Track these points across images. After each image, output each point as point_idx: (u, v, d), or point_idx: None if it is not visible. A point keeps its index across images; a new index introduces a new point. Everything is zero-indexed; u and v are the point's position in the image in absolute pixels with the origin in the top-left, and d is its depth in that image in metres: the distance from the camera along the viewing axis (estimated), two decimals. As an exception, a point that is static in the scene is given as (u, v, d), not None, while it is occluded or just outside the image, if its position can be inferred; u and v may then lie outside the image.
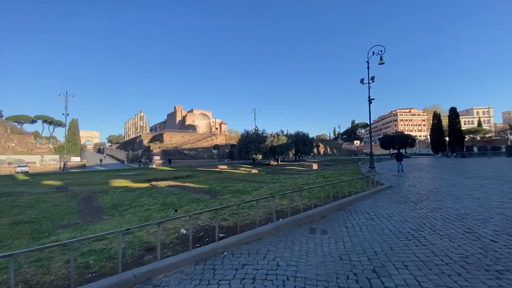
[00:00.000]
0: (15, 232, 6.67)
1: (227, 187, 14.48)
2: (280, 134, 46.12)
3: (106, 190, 15.56)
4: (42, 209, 10.07)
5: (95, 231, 6.03)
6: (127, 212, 9.02)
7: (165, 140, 67.70)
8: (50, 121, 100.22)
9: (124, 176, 26.08)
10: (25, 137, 67.92)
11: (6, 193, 15.17)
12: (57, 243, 2.81)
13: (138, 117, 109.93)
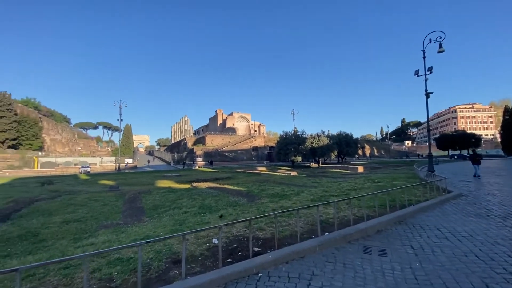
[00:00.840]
0: (62, 231, 6.95)
1: (265, 190, 13.85)
2: (321, 135, 44.04)
3: (150, 190, 16.20)
4: (92, 208, 10.67)
5: (130, 235, 5.90)
6: (165, 214, 8.97)
7: (207, 142, 70.26)
8: (109, 127, 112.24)
9: (169, 177, 27.31)
10: (89, 141, 77.03)
11: (68, 191, 16.80)
12: (68, 257, 2.48)
13: (183, 121, 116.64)
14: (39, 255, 4.59)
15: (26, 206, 11.24)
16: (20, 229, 7.23)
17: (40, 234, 6.67)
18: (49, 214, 9.57)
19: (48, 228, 7.39)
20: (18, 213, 9.81)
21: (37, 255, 4.61)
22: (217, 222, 6.73)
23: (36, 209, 10.70)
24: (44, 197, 13.86)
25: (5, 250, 5.20)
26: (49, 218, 8.79)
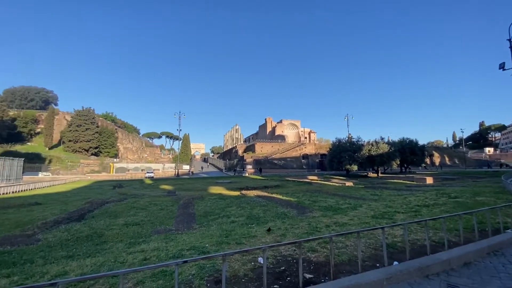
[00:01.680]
0: (121, 234, 7.43)
1: (317, 202, 12.91)
2: (380, 142, 40.20)
3: (203, 196, 16.77)
4: (150, 212, 11.40)
5: (178, 243, 5.89)
6: (214, 222, 8.94)
7: (257, 150, 71.20)
8: (170, 136, 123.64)
9: (221, 183, 28.19)
10: (154, 149, 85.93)
11: (133, 195, 18.58)
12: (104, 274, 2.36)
13: (234, 129, 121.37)
14: (96, 258, 4.84)
15: (98, 207, 12.66)
16: (89, 229, 8.01)
17: (103, 236, 7.24)
18: (115, 216, 10.52)
19: (111, 230, 8.01)
20: (91, 213, 11.05)
21: (94, 258, 4.87)
22: (264, 236, 6.30)
23: (106, 210, 11.94)
24: (113, 199, 15.52)
25: (71, 250, 5.71)
26: (114, 220, 9.62)
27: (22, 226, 8.53)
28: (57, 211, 11.55)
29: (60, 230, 7.98)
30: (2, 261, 4.93)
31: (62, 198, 17.08)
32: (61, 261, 4.80)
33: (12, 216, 10.48)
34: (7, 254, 5.54)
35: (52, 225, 8.62)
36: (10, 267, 4.54)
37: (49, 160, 52.35)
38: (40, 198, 16.78)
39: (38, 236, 7.19)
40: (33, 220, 9.47)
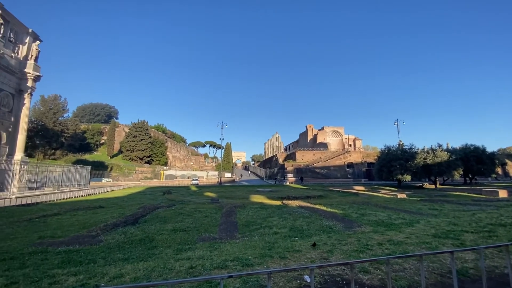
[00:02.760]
0: (170, 239, 7.82)
1: (365, 215, 11.97)
2: (438, 149, 36.11)
3: (244, 205, 16.92)
4: (195, 219, 11.85)
5: (221, 253, 5.94)
6: (256, 232, 8.87)
7: (298, 158, 69.95)
8: (214, 145, 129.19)
9: (261, 192, 28.22)
10: (199, 158, 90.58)
11: (180, 201, 19.65)
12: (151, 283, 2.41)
13: (274, 138, 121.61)
14: (147, 263, 5.13)
15: (150, 212, 13.64)
16: (142, 233, 8.62)
17: (154, 240, 7.70)
18: (164, 221, 11.18)
19: (161, 235, 8.50)
20: (144, 218, 11.94)
21: (146, 263, 5.17)
22: (309, 251, 5.99)
23: (157, 215, 12.79)
24: (163, 205, 16.61)
25: (127, 252, 6.18)
26: (163, 225, 10.21)
27: (88, 227, 9.58)
28: (116, 215, 12.76)
29: (118, 233, 8.74)
30: (72, 259, 5.55)
31: (120, 202, 18.89)
32: (118, 263, 5.20)
33: (81, 218, 11.89)
34: (76, 253, 6.23)
35: (111, 227, 9.51)
36: (77, 265, 5.07)
37: (111, 168, 58.91)
38: (102, 202, 18.81)
39: (100, 238, 7.97)
40: (97, 222, 10.59)
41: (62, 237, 8.01)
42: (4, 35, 23.65)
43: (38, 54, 28.28)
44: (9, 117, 25.50)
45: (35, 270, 4.72)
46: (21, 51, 26.80)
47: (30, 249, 6.59)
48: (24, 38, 27.09)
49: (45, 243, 7.26)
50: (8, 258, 5.71)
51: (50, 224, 10.49)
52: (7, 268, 4.90)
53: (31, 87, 27.51)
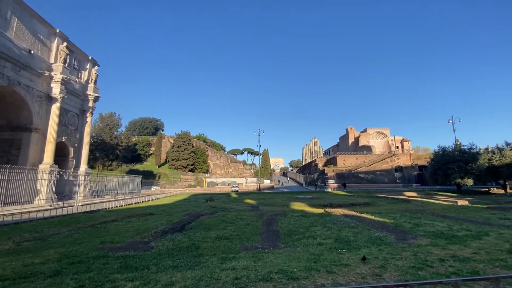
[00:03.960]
0: (214, 247, 8.00)
1: (420, 225, 10.85)
2: (506, 149, 31.36)
3: (285, 212, 16.66)
4: (237, 227, 12.01)
5: (265, 264, 5.87)
6: (299, 242, 8.61)
7: (339, 163, 67.02)
8: (251, 152, 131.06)
9: (302, 199, 27.55)
10: (237, 165, 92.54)
11: (222, 208, 20.18)
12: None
13: (312, 142, 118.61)
14: (195, 272, 5.30)
15: (195, 219, 14.22)
16: (188, 241, 9.00)
17: (200, 248, 7.97)
18: (208, 228, 11.54)
19: (206, 243, 8.76)
20: (190, 225, 12.49)
21: (194, 271, 5.35)
22: (358, 265, 5.60)
23: (201, 222, 13.28)
24: (206, 212, 17.21)
25: (176, 260, 6.48)
26: (208, 233, 10.54)
27: (141, 234, 10.35)
28: (165, 222, 13.58)
29: (167, 240, 9.26)
30: (129, 264, 6.01)
31: (168, 209, 20.11)
32: (168, 270, 5.47)
33: (135, 224, 12.92)
34: (131, 258, 6.74)
35: (161, 234, 10.12)
36: (134, 271, 5.47)
37: (158, 176, 63.44)
38: (152, 209, 20.24)
39: (152, 244, 8.52)
40: (148, 229, 11.39)
41: (120, 243, 8.76)
42: (70, 64, 27.43)
43: (97, 78, 32.17)
44: (75, 134, 29.27)
45: (98, 274, 5.21)
46: (83, 76, 30.74)
47: (94, 253, 7.33)
48: (85, 65, 31.08)
49: (106, 248, 8.00)
50: (77, 261, 6.42)
51: (110, 230, 11.59)
52: (76, 271, 5.50)
53: (92, 107, 31.29)
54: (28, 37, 22.74)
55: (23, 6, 21.93)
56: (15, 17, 21.30)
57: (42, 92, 24.12)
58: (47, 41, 24.81)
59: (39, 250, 7.79)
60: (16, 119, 23.65)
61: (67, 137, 27.68)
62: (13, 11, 21.12)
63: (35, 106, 23.45)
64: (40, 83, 23.80)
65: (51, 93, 24.62)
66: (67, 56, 26.24)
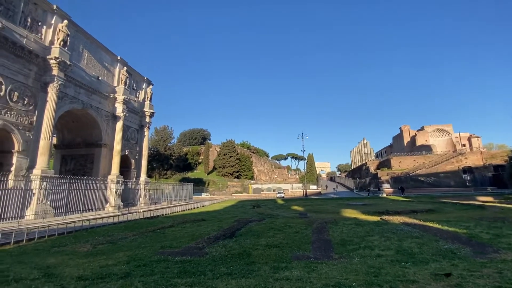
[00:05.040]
0: (265, 256, 7.96)
1: (502, 236, 9.25)
2: None
3: (336, 220, 15.85)
4: (287, 234, 11.80)
5: (320, 276, 5.60)
6: (355, 253, 8.06)
7: (393, 165, 61.56)
8: (295, 157, 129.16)
9: (353, 206, 25.94)
10: (282, 170, 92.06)
11: (269, 215, 20.14)
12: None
13: (362, 144, 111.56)
14: (249, 280, 5.32)
15: (244, 226, 14.45)
16: (239, 247, 9.15)
17: (251, 256, 8.01)
18: (257, 235, 11.59)
19: (257, 250, 8.79)
20: (239, 231, 12.72)
21: (248, 280, 5.38)
22: (429, 282, 4.96)
23: (250, 229, 13.42)
24: (254, 219, 17.37)
25: (229, 267, 6.62)
26: (257, 240, 10.58)
27: (195, 239, 10.90)
28: (216, 228, 14.10)
29: (219, 246, 9.55)
30: (187, 270, 6.35)
31: (218, 215, 20.89)
32: (223, 277, 5.60)
33: (189, 230, 13.70)
34: (188, 263, 7.11)
35: (213, 240, 10.51)
36: (191, 276, 5.75)
37: (207, 183, 66.72)
38: (204, 215, 21.26)
39: (206, 250, 8.89)
40: (201, 235, 11.95)
41: (177, 248, 9.35)
42: (129, 85, 30.94)
43: (152, 96, 35.63)
44: (135, 147, 32.69)
45: (161, 278, 5.60)
46: (140, 95, 34.36)
47: (156, 257, 7.94)
48: (141, 85, 34.72)
49: (166, 252, 8.61)
50: (142, 264, 7.03)
51: (167, 235, 12.49)
52: (142, 274, 6.02)
53: (149, 122, 34.67)
54: (96, 65, 26.43)
55: (91, 40, 25.65)
56: (85, 50, 25.02)
57: (109, 112, 27.65)
58: (110, 67, 28.49)
59: (111, 253, 8.77)
60: (90, 137, 27.48)
61: (129, 150, 31.06)
62: (84, 44, 24.84)
63: (103, 125, 26.97)
64: (106, 104, 27.35)
65: (115, 112, 28.07)
66: (127, 78, 29.68)
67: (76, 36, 23.50)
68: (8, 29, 17.16)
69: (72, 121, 26.74)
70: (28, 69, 18.79)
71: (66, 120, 26.08)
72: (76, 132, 27.92)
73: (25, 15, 18.87)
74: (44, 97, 19.69)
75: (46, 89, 19.75)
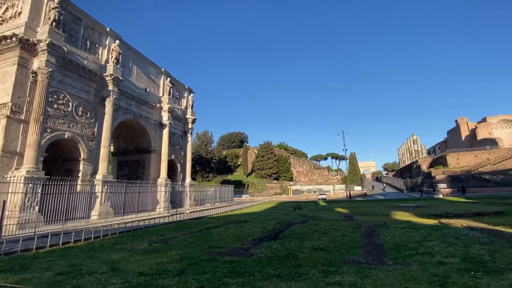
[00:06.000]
0: (312, 259, 7.74)
1: None
2: None
3: (386, 223, 14.80)
4: (333, 237, 11.35)
5: (376, 283, 5.24)
6: (412, 259, 7.38)
7: (450, 163, 55.31)
8: (336, 157, 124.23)
9: (405, 208, 23.92)
10: (322, 171, 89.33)
11: (312, 217, 19.62)
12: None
13: (411, 141, 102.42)
14: (299, 283, 5.23)
15: (287, 228, 14.29)
16: (285, 250, 9.06)
17: (297, 258, 7.86)
18: (301, 238, 11.36)
19: (303, 253, 8.60)
20: (282, 233, 12.62)
21: (297, 283, 5.28)
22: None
23: (293, 231, 13.22)
24: (296, 221, 17.08)
25: (276, 268, 6.58)
26: (302, 242, 10.36)
27: (240, 240, 11.11)
28: (259, 229, 14.19)
29: (264, 247, 9.58)
30: (235, 270, 6.49)
31: (259, 217, 21.04)
32: (272, 279, 5.59)
33: (233, 231, 14.03)
34: (236, 264, 7.26)
35: (258, 241, 10.59)
36: (240, 276, 5.85)
37: (247, 185, 67.83)
38: (246, 216, 21.60)
39: (251, 251, 8.99)
40: (246, 236, 12.14)
41: (224, 248, 9.63)
42: (173, 95, 33.13)
43: (193, 103, 37.63)
44: (180, 152, 34.77)
45: (212, 276, 5.81)
46: (182, 103, 36.51)
47: (205, 256, 8.28)
48: (183, 93, 36.89)
49: (213, 252, 8.93)
50: (193, 263, 7.39)
51: (213, 235, 12.96)
52: (195, 272, 6.32)
53: (191, 128, 36.64)
54: (143, 78, 28.85)
55: (138, 55, 28.11)
56: (134, 65, 27.50)
57: (156, 120, 29.92)
58: (156, 79, 30.84)
59: (165, 251, 9.40)
60: (141, 144, 30.04)
61: (175, 155, 33.16)
62: (133, 60, 27.31)
63: (152, 132, 29.26)
64: (154, 114, 29.64)
65: (162, 120, 30.26)
66: (171, 88, 31.82)
67: (126, 53, 25.97)
68: (72, 53, 19.72)
69: (125, 130, 29.54)
70: (89, 87, 21.32)
71: (120, 129, 28.89)
72: (129, 140, 30.77)
73: (84, 39, 21.52)
74: (102, 110, 22.13)
75: (103, 103, 22.18)
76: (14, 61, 16.53)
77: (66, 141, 19.42)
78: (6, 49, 16.71)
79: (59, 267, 7.30)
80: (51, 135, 17.99)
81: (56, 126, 18.44)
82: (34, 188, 15.32)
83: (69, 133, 19.28)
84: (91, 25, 22.03)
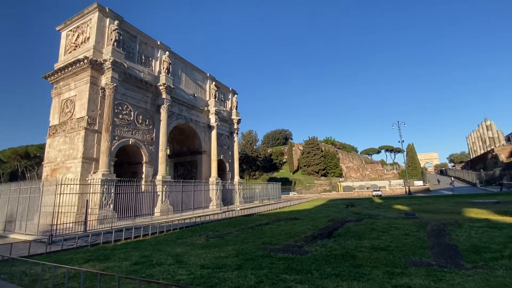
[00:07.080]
0: (373, 259, 7.26)
1: None
2: None
3: (458, 222, 13.10)
4: (393, 236, 10.49)
5: (452, 286, 4.64)
6: (496, 263, 6.37)
7: (538, 150, 46.05)
8: (391, 149, 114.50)
9: (480, 204, 20.80)
10: (375, 166, 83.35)
11: (368, 215, 18.42)
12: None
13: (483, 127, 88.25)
14: (362, 284, 4.94)
15: (341, 226, 13.68)
16: (341, 248, 8.68)
17: (356, 258, 7.46)
18: (358, 237, 10.74)
19: (361, 252, 8.13)
20: (336, 231, 12.12)
21: (360, 283, 5.00)
22: None
23: (348, 230, 12.60)
24: (350, 218, 16.24)
25: (335, 267, 6.33)
26: (359, 241, 9.79)
27: (293, 237, 11.03)
28: (310, 227, 13.90)
29: (318, 245, 9.33)
30: (291, 266, 6.47)
31: (310, 214, 20.61)
32: (332, 278, 5.41)
33: (284, 228, 14.02)
34: (291, 261, 7.22)
35: (311, 239, 10.37)
36: (298, 274, 5.80)
37: (294, 182, 67.06)
38: (295, 214, 21.38)
39: (305, 248, 8.85)
40: (298, 233, 12.01)
41: (277, 244, 9.68)
42: (218, 98, 34.59)
43: (237, 104, 38.73)
44: (228, 152, 36.15)
45: (269, 272, 5.89)
46: (227, 105, 37.86)
47: (259, 252, 8.43)
48: (228, 95, 38.22)
49: (267, 248, 9.04)
50: (249, 258, 7.59)
51: (265, 232, 13.14)
52: (252, 267, 6.49)
53: (236, 129, 37.80)
54: (191, 84, 30.73)
55: (186, 63, 30.03)
56: (183, 73, 29.47)
57: (204, 123, 31.64)
58: (202, 84, 32.58)
59: (221, 246, 9.87)
60: (192, 146, 32.13)
61: (223, 155, 34.62)
62: (181, 68, 29.30)
63: (202, 135, 31.05)
64: (202, 117, 31.38)
65: (209, 123, 31.88)
66: (216, 92, 33.28)
67: (175, 62, 27.99)
68: (131, 68, 22.06)
69: (178, 134, 31.93)
70: (146, 96, 23.62)
71: (174, 133, 31.33)
72: (182, 143, 33.19)
73: (140, 54, 23.88)
74: (158, 117, 24.29)
75: (159, 110, 24.33)
76: (87, 80, 19.24)
77: (130, 146, 21.85)
78: (80, 70, 19.57)
79: (134, 257, 8.25)
80: (118, 142, 20.45)
81: (122, 134, 20.88)
82: (109, 189, 17.64)
83: (133, 140, 21.65)
84: (144, 40, 24.35)
